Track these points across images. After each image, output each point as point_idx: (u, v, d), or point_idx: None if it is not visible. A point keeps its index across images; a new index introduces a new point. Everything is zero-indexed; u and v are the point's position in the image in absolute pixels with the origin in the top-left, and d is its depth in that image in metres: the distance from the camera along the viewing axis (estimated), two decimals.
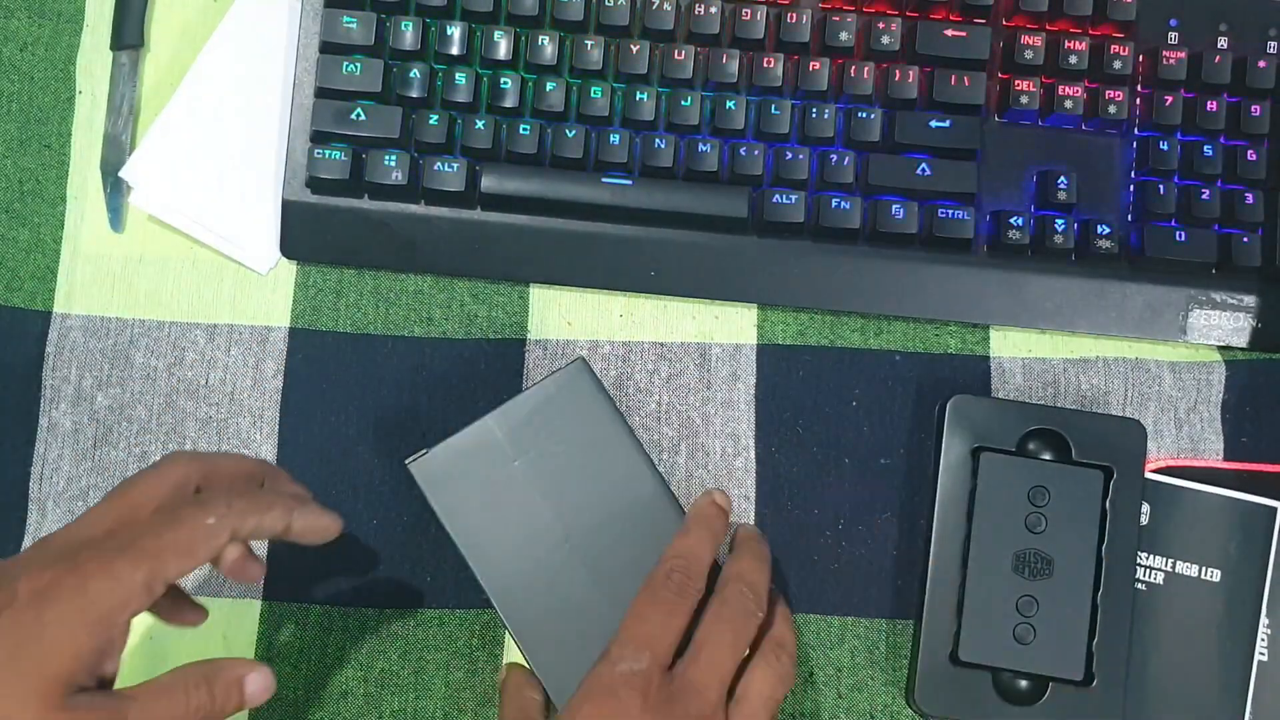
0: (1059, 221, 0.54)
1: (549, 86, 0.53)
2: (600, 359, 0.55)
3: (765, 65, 0.54)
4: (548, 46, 0.54)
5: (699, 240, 0.54)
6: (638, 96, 0.53)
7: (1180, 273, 0.54)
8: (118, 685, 0.39)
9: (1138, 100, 0.55)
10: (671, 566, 0.46)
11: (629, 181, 0.54)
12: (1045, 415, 0.51)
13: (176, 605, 0.45)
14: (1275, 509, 0.52)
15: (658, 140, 0.53)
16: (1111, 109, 0.54)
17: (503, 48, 0.54)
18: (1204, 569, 0.52)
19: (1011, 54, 0.54)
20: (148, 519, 0.40)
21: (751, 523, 0.53)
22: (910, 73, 0.54)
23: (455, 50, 0.54)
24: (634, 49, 0.53)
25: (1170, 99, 0.54)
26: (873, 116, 0.54)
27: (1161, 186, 0.54)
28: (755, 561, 0.47)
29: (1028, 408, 0.52)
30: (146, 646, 0.52)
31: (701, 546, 0.47)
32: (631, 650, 0.44)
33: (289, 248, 0.55)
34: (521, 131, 0.53)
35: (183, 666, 0.40)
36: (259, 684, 0.41)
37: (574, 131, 0.53)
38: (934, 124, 0.54)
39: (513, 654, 0.52)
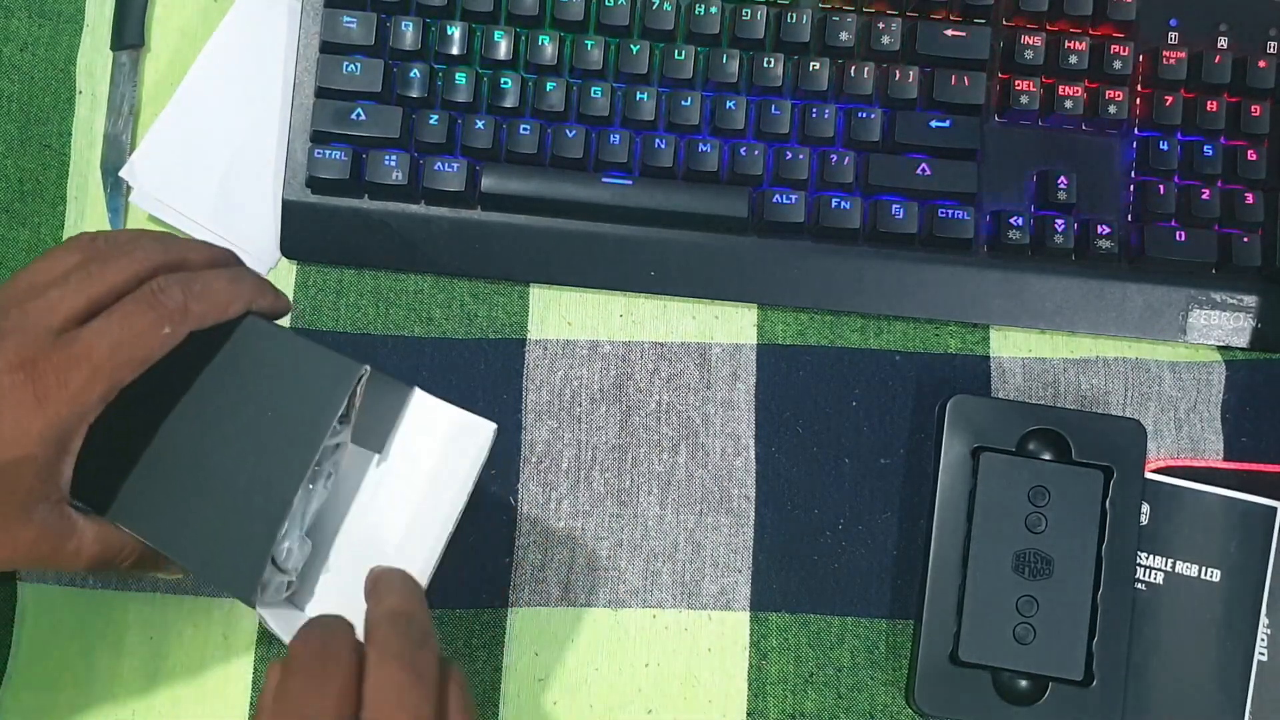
0: (1059, 221, 0.54)
1: (549, 86, 0.53)
2: (600, 359, 0.55)
3: (765, 65, 0.54)
4: (548, 46, 0.54)
5: (699, 240, 0.54)
6: (638, 96, 0.53)
7: (1180, 273, 0.54)
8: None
9: (1138, 100, 0.55)
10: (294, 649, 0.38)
11: (629, 181, 0.54)
12: (1045, 415, 0.51)
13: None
14: (1275, 509, 0.52)
15: (658, 140, 0.53)
16: (1111, 109, 0.54)
17: (503, 48, 0.54)
18: (1204, 569, 0.52)
19: (1011, 54, 0.54)
20: (86, 298, 0.39)
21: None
22: (910, 73, 0.54)
23: (455, 50, 0.54)
24: (634, 49, 0.53)
25: (1170, 99, 0.54)
26: (873, 116, 0.54)
27: (1161, 186, 0.54)
28: (398, 592, 0.40)
29: (1028, 408, 0.52)
30: (145, 647, 0.52)
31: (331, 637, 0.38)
32: None
33: (289, 248, 0.55)
34: (521, 131, 0.53)
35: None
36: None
37: (574, 131, 0.53)
38: (934, 124, 0.54)
39: (509, 655, 0.52)
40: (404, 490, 0.45)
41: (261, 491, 0.41)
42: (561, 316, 0.55)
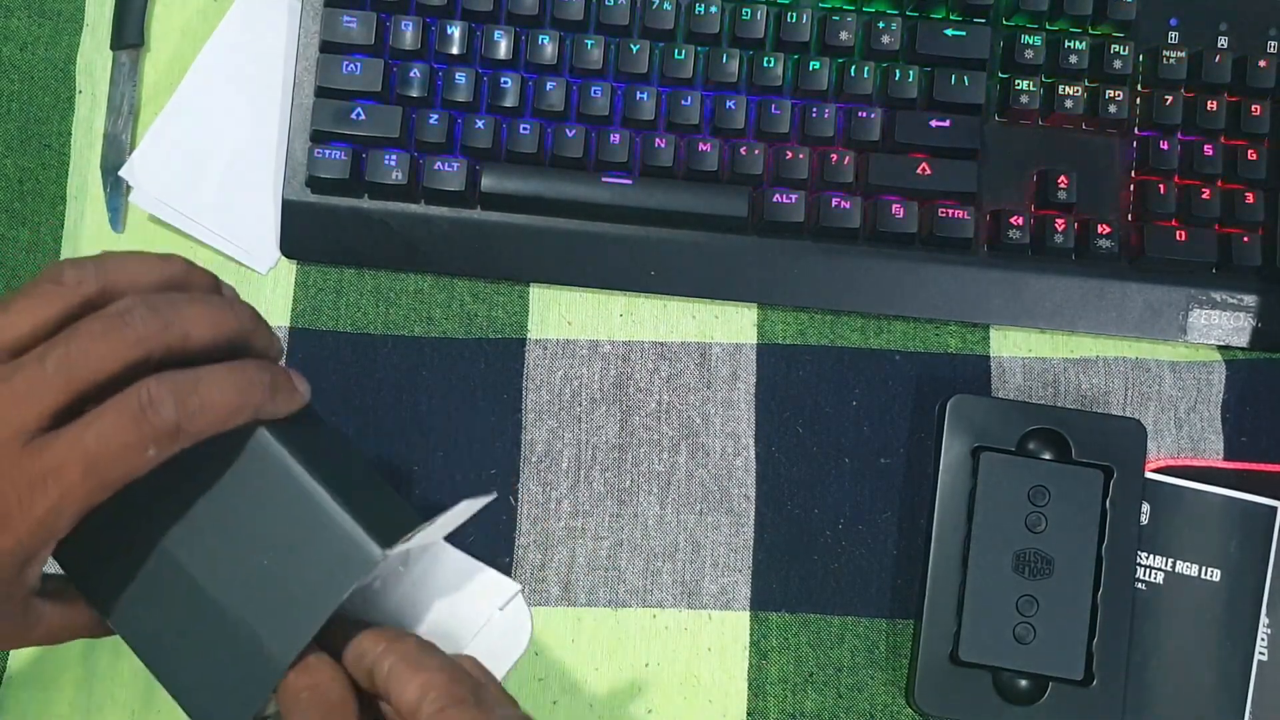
0: (1059, 221, 0.54)
1: (549, 86, 0.54)
2: (600, 359, 0.55)
3: (765, 65, 0.54)
4: (548, 46, 0.54)
5: (699, 240, 0.54)
6: (638, 96, 0.53)
7: (1180, 273, 0.54)
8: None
9: (1138, 100, 0.55)
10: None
11: (629, 181, 0.54)
12: (1045, 415, 0.51)
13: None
14: (1275, 509, 0.52)
15: (658, 140, 0.53)
16: (1111, 109, 0.54)
17: (503, 48, 0.54)
18: (1204, 569, 0.52)
19: (1011, 54, 0.54)
20: (63, 383, 0.33)
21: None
22: (910, 73, 0.54)
23: (455, 50, 0.54)
24: (634, 49, 0.54)
25: (1170, 99, 0.54)
26: (873, 116, 0.54)
27: (1161, 186, 0.54)
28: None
29: (1028, 407, 0.52)
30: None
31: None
32: None
33: (289, 247, 0.55)
34: (521, 131, 0.53)
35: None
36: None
37: (574, 131, 0.53)
38: (934, 124, 0.54)
39: None
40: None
41: (253, 647, 0.36)
42: (561, 316, 0.55)
